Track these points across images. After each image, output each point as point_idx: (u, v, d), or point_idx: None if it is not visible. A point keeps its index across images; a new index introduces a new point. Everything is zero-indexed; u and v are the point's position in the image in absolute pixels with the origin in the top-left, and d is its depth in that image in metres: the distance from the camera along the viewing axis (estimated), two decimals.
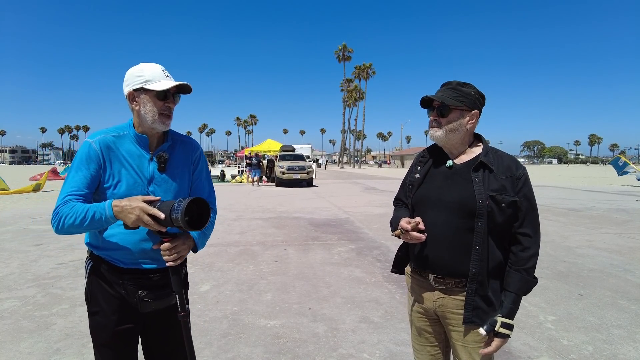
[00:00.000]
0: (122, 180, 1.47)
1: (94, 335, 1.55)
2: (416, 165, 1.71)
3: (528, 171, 1.56)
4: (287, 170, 19.40)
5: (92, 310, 1.54)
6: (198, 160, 1.69)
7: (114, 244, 1.49)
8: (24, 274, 4.77)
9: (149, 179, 1.51)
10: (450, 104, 1.50)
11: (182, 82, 1.51)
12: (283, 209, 11.04)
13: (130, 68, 1.52)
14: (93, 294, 1.54)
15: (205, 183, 1.71)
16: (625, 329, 3.29)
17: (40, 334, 3.15)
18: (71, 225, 1.37)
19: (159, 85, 1.46)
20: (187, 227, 1.30)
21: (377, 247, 6.28)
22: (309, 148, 34.50)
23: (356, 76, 69.14)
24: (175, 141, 1.63)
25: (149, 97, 1.48)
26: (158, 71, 1.49)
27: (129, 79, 1.50)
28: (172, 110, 1.53)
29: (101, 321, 1.52)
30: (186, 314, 1.46)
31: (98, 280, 1.53)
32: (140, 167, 1.51)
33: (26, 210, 10.61)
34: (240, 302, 3.89)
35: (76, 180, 1.43)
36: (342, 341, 3.08)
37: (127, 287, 1.51)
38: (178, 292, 1.44)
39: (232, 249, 6.16)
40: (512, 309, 1.43)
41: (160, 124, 1.50)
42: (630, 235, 7.21)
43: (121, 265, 1.51)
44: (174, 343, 1.65)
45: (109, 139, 1.50)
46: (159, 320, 1.61)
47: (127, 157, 1.50)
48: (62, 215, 1.38)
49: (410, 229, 1.47)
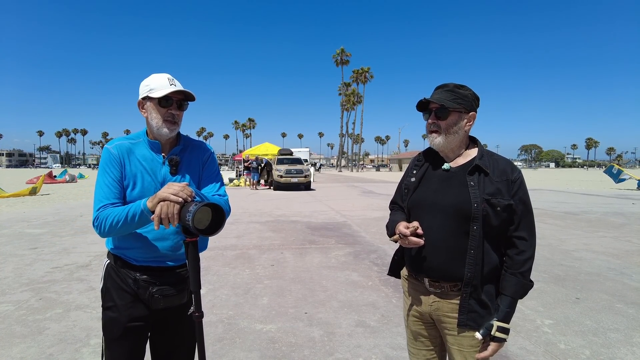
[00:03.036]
0: (137, 182, 1.56)
1: (106, 329, 1.61)
2: (412, 168, 1.70)
3: (525, 175, 1.55)
4: (285, 174, 19.38)
5: (106, 305, 1.61)
6: (207, 160, 1.75)
7: (127, 243, 1.58)
8: (18, 278, 4.73)
9: (162, 181, 1.58)
10: (449, 106, 1.49)
11: (181, 89, 1.57)
12: (280, 212, 11.02)
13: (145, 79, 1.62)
14: (107, 290, 1.61)
15: (214, 180, 1.74)
16: (622, 333, 3.28)
17: (33, 339, 3.12)
18: (111, 226, 1.45)
19: (159, 93, 1.54)
20: (197, 232, 1.33)
21: (374, 251, 6.27)
22: (307, 151, 34.53)
23: (354, 80, 69.29)
24: (186, 145, 1.70)
25: (153, 105, 1.57)
26: (163, 80, 1.57)
27: (140, 88, 1.60)
28: (176, 117, 1.59)
29: (113, 316, 1.58)
30: (201, 314, 1.47)
31: (113, 276, 1.61)
32: (153, 170, 1.59)
33: (22, 213, 10.55)
34: (236, 306, 3.86)
35: (105, 190, 1.52)
36: (338, 345, 3.06)
37: (140, 284, 1.57)
38: (195, 291, 1.44)
39: (229, 252, 6.14)
40: (508, 313, 1.42)
41: (165, 130, 1.57)
42: (627, 239, 7.22)
43: (134, 262, 1.59)
44: (179, 344, 1.70)
45: (126, 144, 1.60)
46: (167, 321, 1.66)
47: (142, 160, 1.59)
48: (102, 219, 1.47)
49: (409, 234, 1.46)
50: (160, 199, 1.37)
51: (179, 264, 1.63)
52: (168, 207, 1.35)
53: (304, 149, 36.62)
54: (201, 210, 1.32)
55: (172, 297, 1.59)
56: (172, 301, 1.59)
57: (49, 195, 16.37)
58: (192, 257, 1.42)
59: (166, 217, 1.35)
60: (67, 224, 8.85)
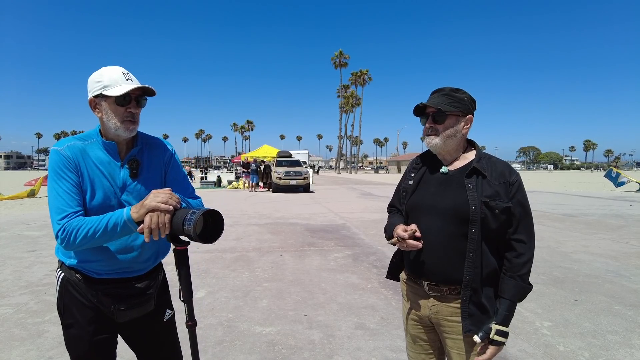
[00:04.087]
0: (96, 188, 1.41)
1: (69, 348, 1.49)
2: (410, 171, 1.71)
3: (524, 177, 1.56)
4: (284, 176, 19.37)
5: (66, 322, 1.49)
6: (170, 160, 1.62)
7: (87, 255, 1.44)
8: (17, 281, 4.72)
9: (121, 186, 1.46)
10: (446, 110, 1.50)
11: (141, 85, 1.43)
12: (279, 214, 11.01)
13: (93, 73, 1.45)
14: (66, 306, 1.48)
15: (184, 183, 1.64)
16: (620, 335, 3.28)
17: (33, 342, 3.11)
18: (85, 237, 1.30)
19: (117, 90, 1.38)
20: (198, 240, 1.29)
21: (374, 253, 6.27)
22: (305, 154, 34.49)
23: (352, 82, 69.36)
24: (144, 144, 1.56)
25: (109, 104, 1.41)
26: (118, 75, 1.41)
27: (89, 85, 1.44)
28: (136, 116, 1.45)
29: (76, 333, 1.47)
30: (194, 323, 1.44)
31: (70, 291, 1.48)
32: (111, 174, 1.45)
33: (20, 216, 10.54)
34: (235, 309, 3.86)
35: (65, 198, 1.35)
36: (337, 348, 3.06)
37: (101, 298, 1.46)
38: (187, 301, 1.41)
39: (228, 255, 6.13)
40: (507, 316, 1.43)
41: (125, 131, 1.43)
42: (625, 241, 7.24)
43: (95, 276, 1.46)
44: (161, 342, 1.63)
45: (78, 145, 1.43)
46: (138, 327, 1.57)
47: (98, 164, 1.44)
48: (70, 230, 1.30)
49: (407, 237, 1.46)
50: (149, 208, 1.27)
51: (143, 273, 1.54)
52: (159, 216, 1.26)
53: (303, 151, 36.54)
54: (201, 219, 1.29)
55: (137, 308, 1.50)
56: (138, 312, 1.50)
57: None
58: (183, 266, 1.39)
59: (157, 227, 1.26)
60: None
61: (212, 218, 1.34)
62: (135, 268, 1.51)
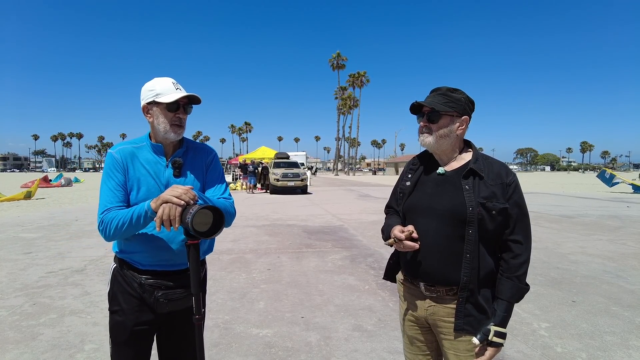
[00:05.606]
0: (141, 185, 1.58)
1: (112, 333, 1.63)
2: (407, 172, 1.70)
3: (521, 178, 1.55)
4: (282, 178, 19.38)
5: (113, 309, 1.64)
6: (211, 163, 1.77)
7: (133, 247, 1.60)
8: (12, 283, 4.69)
9: (165, 184, 1.60)
10: (441, 109, 1.50)
11: (190, 93, 1.60)
12: (277, 216, 11.00)
13: (146, 83, 1.63)
14: (114, 294, 1.64)
15: (220, 184, 1.76)
16: (618, 336, 3.28)
17: (27, 345, 3.08)
18: (116, 228, 1.46)
19: (168, 98, 1.56)
20: (196, 234, 1.33)
21: (371, 255, 6.26)
22: (303, 155, 34.51)
23: (350, 84, 69.56)
24: (189, 148, 1.73)
25: (160, 110, 1.58)
26: (168, 84, 1.59)
27: (143, 93, 1.61)
28: (183, 121, 1.62)
29: (120, 319, 1.60)
30: (201, 317, 1.47)
31: (119, 280, 1.64)
32: (157, 173, 1.61)
33: (16, 217, 10.47)
34: (232, 311, 3.84)
35: (108, 195, 1.55)
36: (334, 350, 3.05)
37: (145, 287, 1.58)
38: (196, 294, 1.44)
39: (225, 256, 6.11)
40: (504, 317, 1.42)
41: (172, 134, 1.60)
42: (622, 242, 7.26)
43: (140, 266, 1.60)
44: (185, 346, 1.71)
45: (129, 149, 1.63)
46: (174, 323, 1.68)
47: (145, 164, 1.61)
48: (107, 222, 1.48)
49: (404, 238, 1.45)
50: (163, 200, 1.38)
51: (184, 267, 1.63)
52: (170, 209, 1.36)
53: (301, 152, 36.55)
54: (201, 212, 1.32)
55: (177, 301, 1.60)
56: (177, 305, 1.60)
57: (44, 199, 16.27)
58: (193, 260, 1.42)
59: (167, 219, 1.36)
60: (62, 228, 8.79)
61: (215, 215, 1.37)
62: (177, 262, 1.62)
